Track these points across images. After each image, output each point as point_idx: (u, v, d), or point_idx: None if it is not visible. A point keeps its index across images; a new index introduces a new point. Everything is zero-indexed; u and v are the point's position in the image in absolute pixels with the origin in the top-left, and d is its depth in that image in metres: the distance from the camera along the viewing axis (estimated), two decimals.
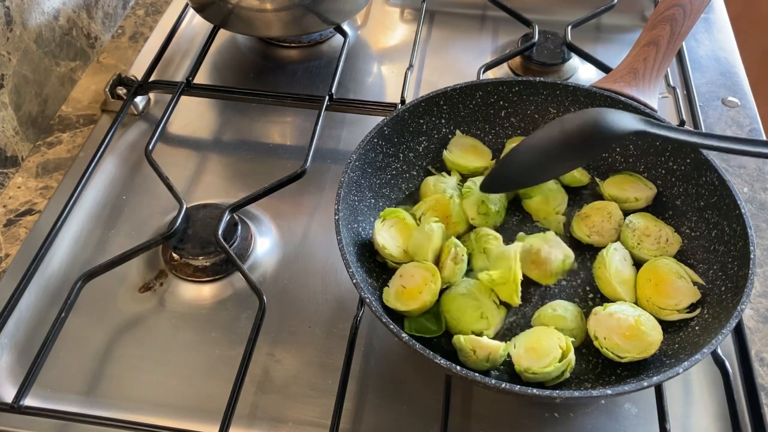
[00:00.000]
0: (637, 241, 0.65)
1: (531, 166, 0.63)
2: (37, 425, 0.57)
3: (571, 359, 0.55)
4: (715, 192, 0.63)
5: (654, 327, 0.58)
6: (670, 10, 0.74)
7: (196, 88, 0.83)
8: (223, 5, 0.82)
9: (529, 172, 0.64)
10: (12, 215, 0.74)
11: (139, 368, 0.62)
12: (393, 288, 0.61)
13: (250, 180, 0.76)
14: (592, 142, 0.60)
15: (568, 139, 0.61)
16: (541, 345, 0.56)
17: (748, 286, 0.55)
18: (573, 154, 0.62)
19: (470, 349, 0.55)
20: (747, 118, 0.84)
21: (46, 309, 0.65)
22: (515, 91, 0.72)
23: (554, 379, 0.55)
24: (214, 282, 0.68)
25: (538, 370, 0.55)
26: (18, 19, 0.75)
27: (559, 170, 0.66)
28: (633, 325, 0.57)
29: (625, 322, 0.57)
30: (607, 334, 0.57)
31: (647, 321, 0.58)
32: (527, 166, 0.63)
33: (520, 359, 0.56)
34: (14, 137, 0.77)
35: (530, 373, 0.55)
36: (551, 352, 0.55)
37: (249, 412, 0.59)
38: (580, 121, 0.61)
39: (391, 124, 0.68)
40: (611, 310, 0.58)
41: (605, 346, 0.57)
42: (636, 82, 0.71)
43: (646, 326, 0.57)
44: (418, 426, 0.58)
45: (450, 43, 0.94)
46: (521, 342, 0.57)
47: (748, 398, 0.59)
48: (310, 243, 0.71)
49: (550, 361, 0.55)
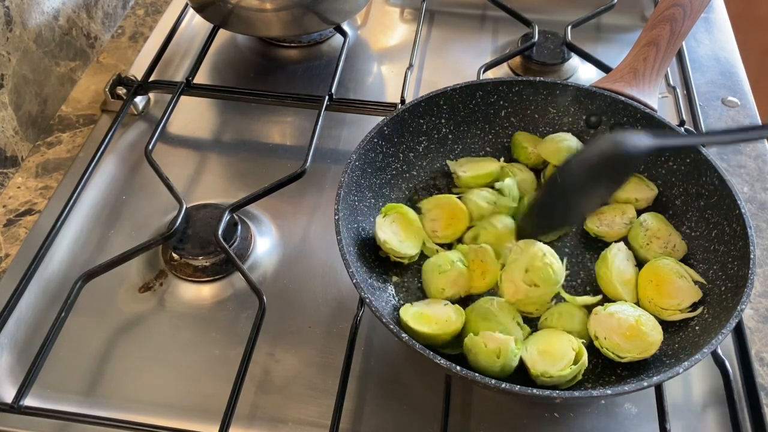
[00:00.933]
0: (647, 242, 0.65)
1: (564, 202, 0.62)
2: (37, 425, 0.57)
3: (584, 362, 0.55)
4: (715, 192, 0.63)
5: (654, 327, 0.58)
6: (670, 10, 0.74)
7: (196, 88, 0.83)
8: (223, 5, 0.82)
9: (562, 210, 0.63)
10: (12, 215, 0.74)
11: (139, 368, 0.62)
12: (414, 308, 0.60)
13: (250, 180, 0.76)
14: (617, 168, 0.60)
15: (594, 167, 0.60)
16: (554, 348, 0.56)
17: (748, 286, 0.55)
18: (600, 183, 0.61)
19: (481, 342, 0.55)
20: (747, 118, 0.84)
21: (46, 309, 0.65)
22: (515, 91, 0.72)
23: (568, 382, 0.55)
24: (214, 282, 0.68)
25: (554, 373, 0.54)
26: (18, 19, 0.75)
27: (591, 204, 0.65)
28: (633, 325, 0.57)
29: (625, 322, 0.57)
30: (607, 334, 0.57)
31: (648, 321, 0.58)
32: (560, 204, 0.62)
33: (535, 363, 0.55)
34: (14, 137, 0.77)
35: (546, 377, 0.54)
36: (565, 354, 0.55)
37: (249, 412, 0.59)
38: (601, 149, 0.60)
39: (391, 124, 0.68)
40: (612, 310, 0.58)
41: (605, 346, 0.57)
42: (636, 82, 0.71)
43: (646, 326, 0.57)
44: (418, 426, 0.58)
45: (450, 43, 0.94)
46: (533, 345, 0.57)
47: (748, 398, 0.59)
48: (310, 243, 0.71)
49: (565, 365, 0.55)
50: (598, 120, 0.72)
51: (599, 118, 0.72)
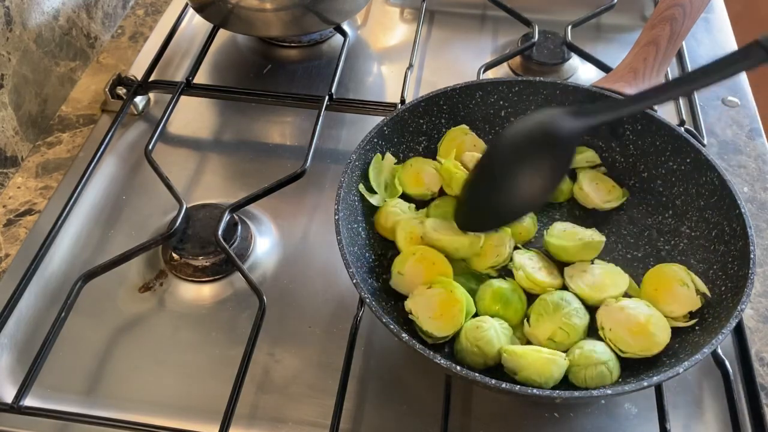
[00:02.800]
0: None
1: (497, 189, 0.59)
2: (37, 425, 0.57)
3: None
4: (715, 192, 0.63)
5: (664, 329, 0.57)
6: (670, 10, 0.74)
7: (195, 88, 0.83)
8: (223, 5, 0.82)
9: (496, 199, 0.60)
10: (12, 215, 0.74)
11: (139, 368, 0.62)
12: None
13: (250, 180, 0.76)
14: (547, 150, 0.58)
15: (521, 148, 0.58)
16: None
17: (748, 286, 0.55)
18: (533, 167, 0.59)
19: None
20: (747, 117, 0.84)
21: (46, 309, 0.65)
22: (515, 91, 0.72)
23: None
24: (214, 282, 0.68)
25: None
26: (18, 19, 0.75)
27: (530, 192, 0.60)
28: (642, 323, 0.57)
29: (635, 318, 0.57)
30: (614, 326, 0.57)
31: (658, 322, 0.58)
32: (493, 193, 0.59)
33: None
34: (14, 137, 0.77)
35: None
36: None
37: (249, 412, 0.59)
38: (528, 128, 0.59)
39: (391, 124, 0.68)
40: (623, 304, 0.58)
41: (609, 338, 0.57)
42: (636, 82, 0.71)
43: (655, 327, 0.57)
44: (418, 426, 0.58)
45: (450, 43, 0.94)
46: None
47: (748, 398, 0.59)
48: (310, 243, 0.71)
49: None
50: None
51: None
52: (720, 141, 0.81)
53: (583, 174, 0.70)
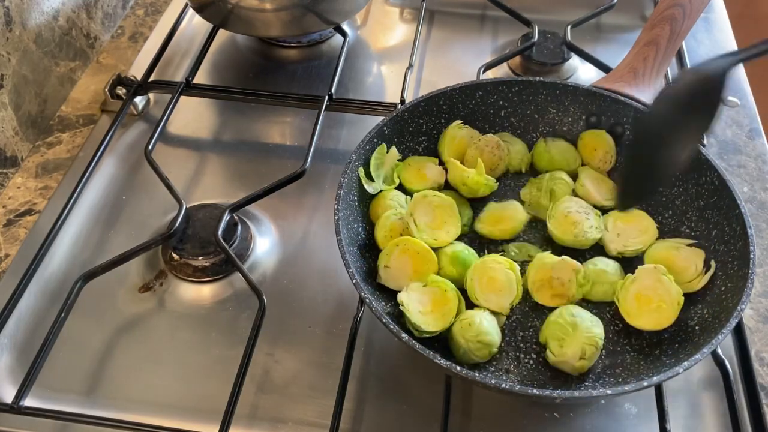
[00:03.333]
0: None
1: (659, 151, 0.58)
2: (37, 425, 0.57)
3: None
4: (715, 192, 0.63)
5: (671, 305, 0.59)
6: (670, 10, 0.74)
7: (195, 88, 0.83)
8: (223, 5, 0.82)
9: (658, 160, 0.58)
10: (12, 215, 0.74)
11: (139, 368, 0.62)
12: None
13: (250, 180, 0.76)
14: (704, 97, 0.56)
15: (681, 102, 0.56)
16: None
17: (748, 286, 0.55)
18: (691, 118, 0.57)
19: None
20: (747, 117, 0.84)
21: (46, 309, 0.65)
22: (515, 91, 0.72)
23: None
24: (213, 282, 0.68)
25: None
26: (17, 19, 0.75)
27: (687, 145, 0.58)
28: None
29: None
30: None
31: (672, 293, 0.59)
32: (656, 155, 0.58)
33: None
34: (14, 137, 0.77)
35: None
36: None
37: (249, 412, 0.59)
38: (684, 81, 0.58)
39: (390, 124, 0.68)
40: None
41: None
42: (636, 82, 0.71)
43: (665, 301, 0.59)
44: (418, 426, 0.58)
45: (450, 43, 0.94)
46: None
47: (748, 398, 0.59)
48: (310, 243, 0.71)
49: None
50: (597, 120, 0.72)
51: (599, 118, 0.72)
52: (720, 141, 0.81)
53: (584, 173, 0.70)
